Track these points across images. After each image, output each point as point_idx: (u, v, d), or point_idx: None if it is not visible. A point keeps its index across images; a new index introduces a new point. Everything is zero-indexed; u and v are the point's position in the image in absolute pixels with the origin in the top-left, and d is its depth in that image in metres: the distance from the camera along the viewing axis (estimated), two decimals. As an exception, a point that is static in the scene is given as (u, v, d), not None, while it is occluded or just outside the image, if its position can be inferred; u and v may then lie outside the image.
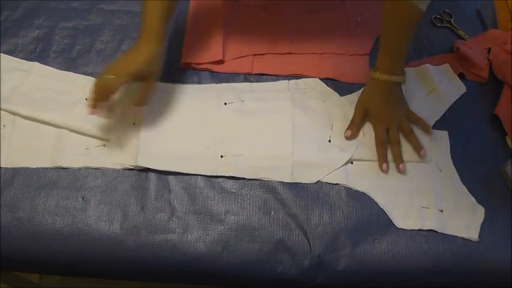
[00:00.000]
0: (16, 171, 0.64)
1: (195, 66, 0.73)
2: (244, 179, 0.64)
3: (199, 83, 0.72)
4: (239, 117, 0.68)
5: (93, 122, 0.66)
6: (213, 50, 0.74)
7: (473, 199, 0.64)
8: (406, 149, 0.66)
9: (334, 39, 0.77)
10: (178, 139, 0.66)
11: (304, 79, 0.72)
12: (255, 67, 0.74)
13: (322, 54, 0.75)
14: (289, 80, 0.72)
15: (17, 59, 0.72)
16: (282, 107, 0.69)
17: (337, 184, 0.64)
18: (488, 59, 0.76)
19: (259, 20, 0.79)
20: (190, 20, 0.77)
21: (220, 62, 0.73)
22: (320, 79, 0.72)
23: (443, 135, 0.68)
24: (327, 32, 0.78)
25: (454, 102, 0.72)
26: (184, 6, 0.79)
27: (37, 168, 0.64)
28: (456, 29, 0.81)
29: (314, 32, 0.78)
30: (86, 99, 0.68)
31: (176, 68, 0.73)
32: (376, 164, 0.66)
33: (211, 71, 0.73)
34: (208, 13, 0.78)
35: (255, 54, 0.75)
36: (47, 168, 0.64)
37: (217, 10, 0.78)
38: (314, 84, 0.72)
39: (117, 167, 0.64)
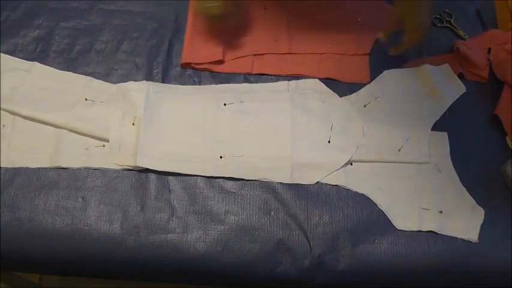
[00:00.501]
0: (16, 171, 0.64)
1: (195, 66, 0.73)
2: (244, 179, 0.64)
3: (199, 83, 0.72)
4: (238, 118, 0.68)
5: (93, 122, 0.66)
6: (213, 50, 0.74)
7: (473, 200, 0.64)
8: (406, 150, 0.66)
9: (334, 39, 0.77)
10: (177, 140, 0.66)
11: (304, 80, 0.72)
12: (255, 67, 0.74)
13: (322, 54, 0.75)
14: (288, 80, 0.72)
15: (17, 59, 0.72)
16: (282, 107, 0.69)
17: (337, 185, 0.64)
18: (488, 59, 0.76)
19: (260, 20, 0.79)
20: (191, 20, 0.77)
21: (220, 62, 0.73)
22: (320, 79, 0.72)
23: (442, 137, 0.69)
24: (327, 32, 0.78)
25: (454, 102, 0.72)
26: (184, 6, 0.79)
27: (37, 168, 0.64)
28: (456, 29, 0.81)
29: (314, 32, 0.78)
30: (86, 99, 0.68)
31: (176, 68, 0.73)
32: (375, 165, 0.66)
33: (211, 71, 0.73)
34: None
35: (255, 54, 0.75)
36: (47, 168, 0.64)
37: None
38: (314, 85, 0.72)
39: (117, 167, 0.64)
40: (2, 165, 0.64)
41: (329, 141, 0.67)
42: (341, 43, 0.77)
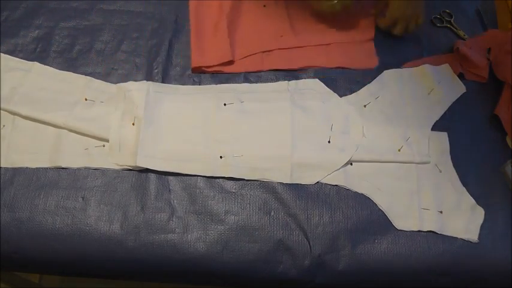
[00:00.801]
0: (16, 171, 0.64)
1: (206, 69, 0.72)
2: (244, 179, 0.64)
3: (199, 83, 0.72)
4: (238, 118, 0.68)
5: (93, 122, 0.66)
6: (221, 52, 0.73)
7: (472, 200, 0.64)
8: (406, 150, 0.66)
9: (338, 28, 0.78)
10: (177, 140, 0.66)
11: (303, 80, 0.72)
12: (265, 64, 0.74)
13: (328, 45, 0.76)
14: (288, 80, 0.72)
15: (17, 59, 0.72)
16: (282, 107, 0.69)
17: (337, 185, 0.64)
18: (488, 59, 0.76)
19: (262, 17, 0.79)
20: (193, 23, 0.77)
21: (231, 62, 0.73)
22: (330, 68, 0.73)
23: (442, 137, 0.69)
24: (330, 22, 0.78)
25: (454, 102, 0.72)
26: (184, 6, 0.79)
27: (37, 168, 0.64)
28: (456, 29, 0.81)
29: (317, 23, 0.78)
30: (86, 99, 0.68)
31: (176, 68, 0.73)
32: (375, 165, 0.66)
33: (222, 73, 0.73)
34: (210, 14, 0.78)
35: (263, 51, 0.75)
36: (47, 168, 0.64)
37: (218, 10, 0.78)
38: (314, 85, 0.72)
39: (117, 167, 0.64)
40: (2, 165, 0.64)
41: (329, 141, 0.67)
42: (345, 31, 0.77)
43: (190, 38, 0.75)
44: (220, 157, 0.65)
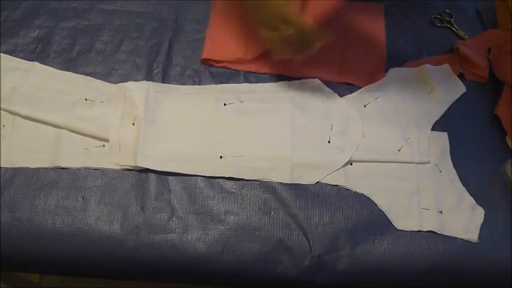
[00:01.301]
0: (16, 171, 0.64)
1: (214, 64, 0.73)
2: (244, 179, 0.64)
3: (199, 83, 0.72)
4: (239, 117, 0.68)
5: (93, 122, 0.66)
6: (233, 48, 0.73)
7: (472, 200, 0.64)
8: (406, 150, 0.66)
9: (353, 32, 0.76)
10: (177, 140, 0.66)
11: (303, 80, 0.72)
12: (271, 67, 0.73)
13: (340, 58, 0.74)
14: (289, 80, 0.72)
15: (17, 59, 0.72)
16: (282, 107, 0.69)
17: (337, 185, 0.64)
18: (488, 59, 0.76)
19: None
20: (213, 19, 0.77)
21: (240, 60, 0.73)
22: (337, 83, 0.72)
23: (442, 137, 0.69)
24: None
25: (454, 102, 0.72)
26: (184, 6, 0.79)
27: (37, 168, 0.64)
28: (456, 29, 0.81)
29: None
30: (86, 99, 0.68)
31: (176, 68, 0.73)
32: (375, 165, 0.66)
33: (229, 69, 0.73)
34: (231, 12, 0.77)
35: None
36: (47, 168, 0.64)
37: (239, 10, 0.77)
38: (314, 85, 0.72)
39: (117, 167, 0.64)
40: (2, 165, 0.64)
41: (329, 141, 0.67)
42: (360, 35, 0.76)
43: (207, 30, 0.75)
44: (220, 157, 0.65)
